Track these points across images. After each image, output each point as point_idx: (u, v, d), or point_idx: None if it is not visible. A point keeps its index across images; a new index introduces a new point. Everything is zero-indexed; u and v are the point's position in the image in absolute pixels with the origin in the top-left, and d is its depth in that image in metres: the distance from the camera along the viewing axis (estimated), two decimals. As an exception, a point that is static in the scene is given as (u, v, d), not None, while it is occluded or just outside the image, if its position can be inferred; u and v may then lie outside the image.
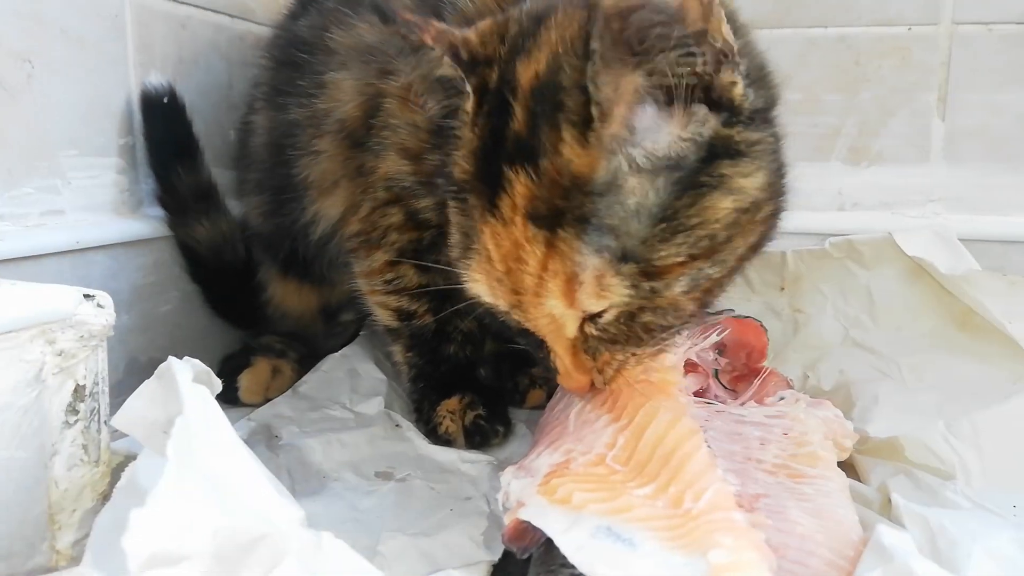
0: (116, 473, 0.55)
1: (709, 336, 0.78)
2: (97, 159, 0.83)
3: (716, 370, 0.81)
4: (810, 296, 0.97)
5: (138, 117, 0.88)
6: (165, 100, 0.88)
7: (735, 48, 0.52)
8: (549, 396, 0.73)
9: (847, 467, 0.70)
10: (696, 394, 0.75)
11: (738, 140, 0.54)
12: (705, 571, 0.44)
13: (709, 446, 0.63)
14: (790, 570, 0.52)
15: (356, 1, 0.78)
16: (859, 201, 1.04)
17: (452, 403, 0.80)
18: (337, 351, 0.94)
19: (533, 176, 0.53)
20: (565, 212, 0.52)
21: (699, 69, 0.51)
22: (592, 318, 0.57)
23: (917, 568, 0.46)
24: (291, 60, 0.84)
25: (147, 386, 0.52)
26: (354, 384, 0.87)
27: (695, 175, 0.53)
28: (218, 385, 0.55)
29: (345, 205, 0.81)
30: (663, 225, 0.52)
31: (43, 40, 0.76)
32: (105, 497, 0.55)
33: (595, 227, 0.52)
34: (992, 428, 0.67)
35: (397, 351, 0.85)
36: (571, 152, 0.52)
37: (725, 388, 0.80)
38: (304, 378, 0.90)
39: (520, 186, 0.53)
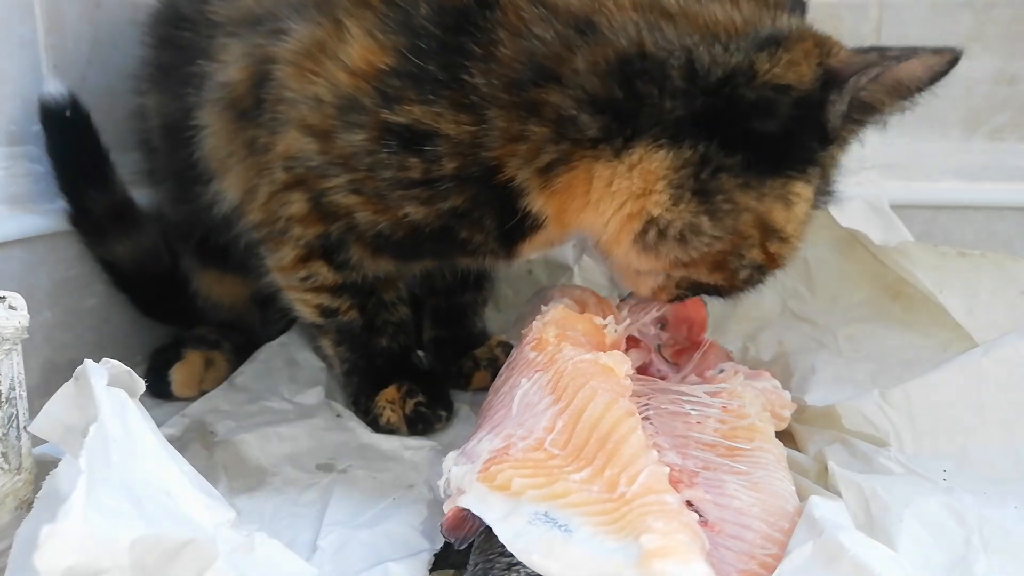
0: (40, 480, 0.53)
1: (650, 311, 0.78)
2: (10, 148, 0.79)
3: (658, 344, 0.81)
4: (749, 267, 0.97)
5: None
6: (67, 113, 0.80)
7: None
8: (494, 377, 0.72)
9: (785, 436, 0.71)
10: (639, 369, 0.75)
11: None
12: (637, 555, 0.44)
13: (651, 423, 0.63)
14: (726, 544, 0.53)
15: None
16: (797, 171, 1.05)
17: (390, 392, 0.77)
18: (276, 338, 0.91)
19: None
20: None
21: None
22: None
23: (846, 540, 0.47)
24: (172, 40, 0.78)
25: (64, 390, 0.50)
26: (293, 374, 0.85)
27: None
28: (140, 385, 0.53)
29: (242, 188, 0.73)
30: None
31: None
32: (29, 505, 0.53)
33: None
34: (923, 396, 0.68)
35: (326, 345, 0.81)
36: None
37: (667, 362, 0.80)
38: (240, 368, 0.87)
39: None
